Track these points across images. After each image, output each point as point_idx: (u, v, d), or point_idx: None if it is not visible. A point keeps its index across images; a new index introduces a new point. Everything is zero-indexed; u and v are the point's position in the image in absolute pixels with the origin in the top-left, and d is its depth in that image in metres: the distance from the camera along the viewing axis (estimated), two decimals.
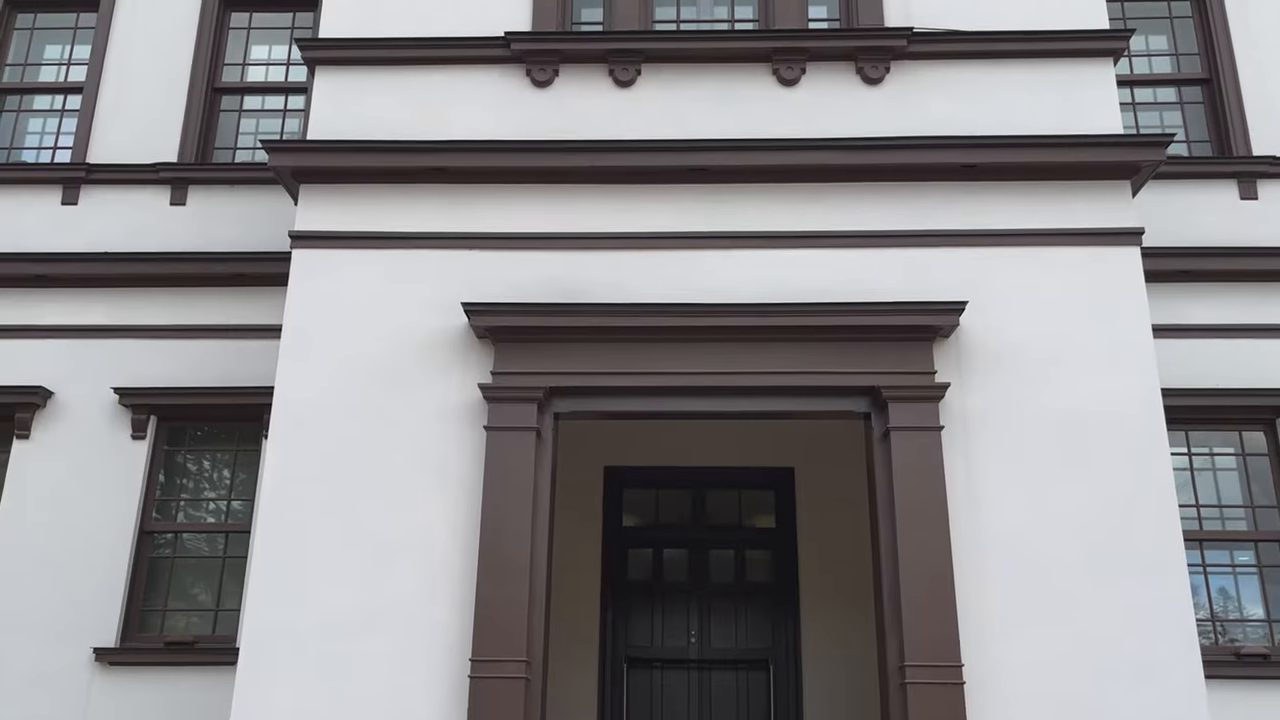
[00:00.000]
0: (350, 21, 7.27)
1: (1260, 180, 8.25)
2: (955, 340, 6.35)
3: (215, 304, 8.21)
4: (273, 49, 9.35)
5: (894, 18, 7.16)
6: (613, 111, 7.00)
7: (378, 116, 6.98)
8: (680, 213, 6.75)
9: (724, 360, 6.34)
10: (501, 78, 7.09)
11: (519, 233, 6.71)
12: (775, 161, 6.73)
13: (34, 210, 8.58)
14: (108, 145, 8.78)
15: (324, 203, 6.82)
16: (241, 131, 9.08)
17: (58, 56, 9.37)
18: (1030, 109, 6.84)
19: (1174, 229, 7.97)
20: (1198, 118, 8.75)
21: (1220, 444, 7.92)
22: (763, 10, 7.44)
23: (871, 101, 6.96)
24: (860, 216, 6.67)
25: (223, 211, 8.54)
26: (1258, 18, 8.78)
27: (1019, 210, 6.63)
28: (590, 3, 7.59)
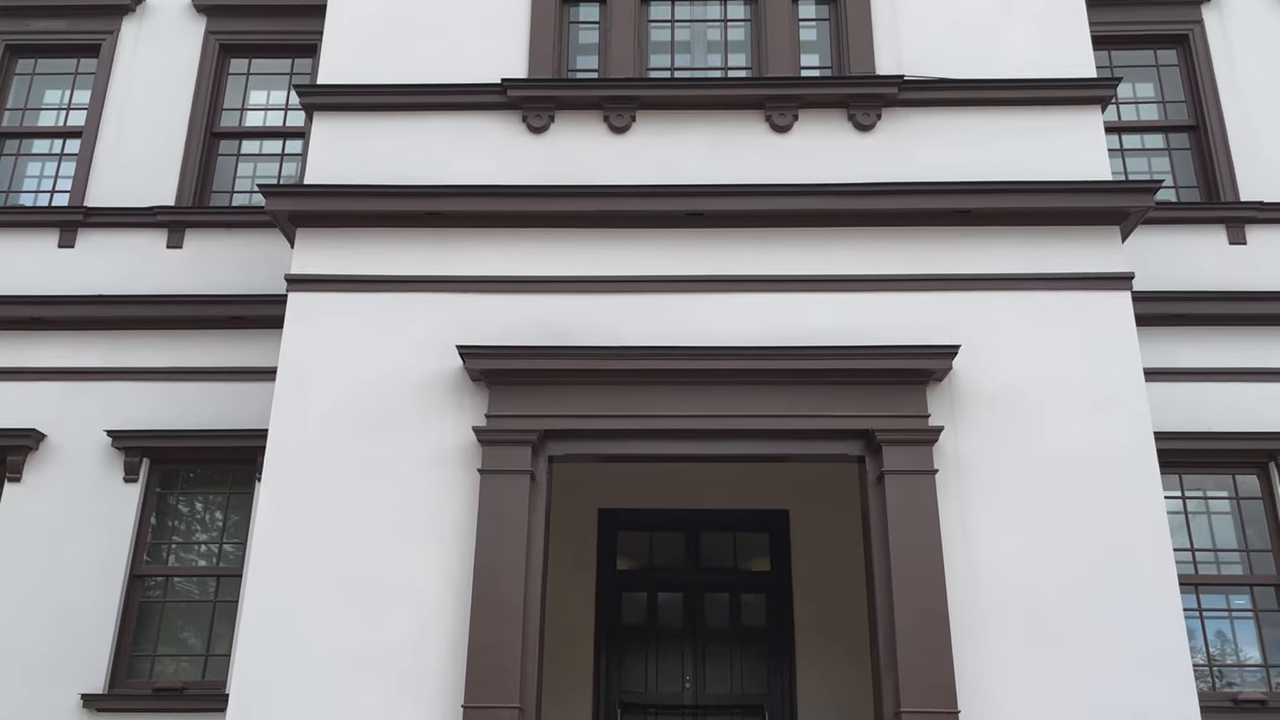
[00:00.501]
0: (348, 68, 7.35)
1: (1248, 225, 8.35)
2: (949, 384, 6.38)
3: (210, 346, 8.22)
4: (271, 94, 9.44)
5: (885, 65, 7.26)
6: (608, 157, 7.07)
7: (374, 161, 7.04)
8: (675, 257, 6.80)
9: (718, 404, 6.36)
10: (498, 124, 7.16)
11: (514, 276, 6.75)
12: (769, 207, 6.79)
13: (31, 253, 8.61)
14: (106, 189, 8.83)
15: (320, 246, 6.85)
16: (239, 175, 9.14)
17: (57, 101, 9.45)
18: (1020, 155, 6.93)
19: (1164, 273, 8.05)
20: (1185, 164, 8.86)
21: (1214, 488, 7.92)
22: (755, 58, 7.55)
23: (864, 148, 7.04)
24: (854, 261, 6.72)
25: (219, 254, 8.57)
26: (1243, 66, 8.92)
27: (1011, 255, 6.69)
28: (586, 51, 7.69)
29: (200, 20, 9.40)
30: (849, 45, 7.33)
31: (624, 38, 7.42)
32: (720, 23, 7.79)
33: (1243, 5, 9.13)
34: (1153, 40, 9.18)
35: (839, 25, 7.49)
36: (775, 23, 7.45)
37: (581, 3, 7.78)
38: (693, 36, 7.79)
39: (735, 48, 7.70)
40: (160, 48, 9.30)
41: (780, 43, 7.38)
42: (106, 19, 9.41)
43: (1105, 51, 9.03)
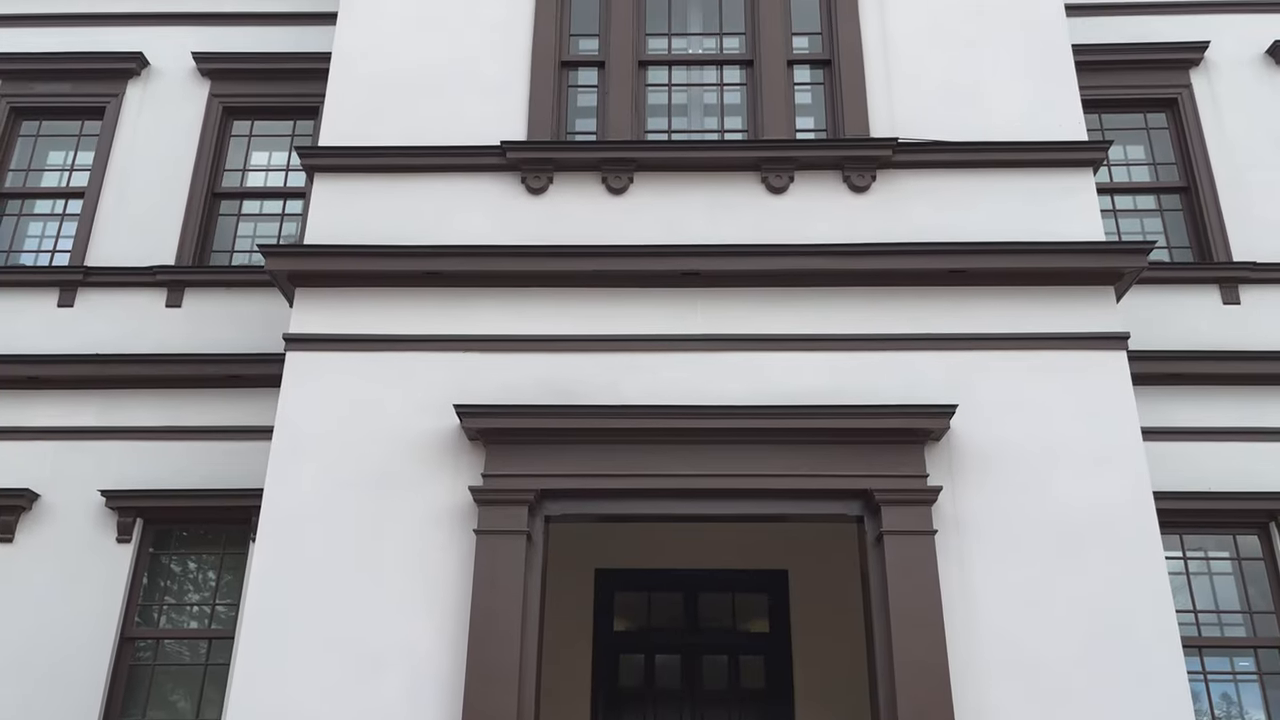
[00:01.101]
0: (349, 131, 7.44)
1: (1241, 285, 8.41)
2: (946, 443, 6.37)
3: (206, 405, 8.21)
4: (272, 155, 9.55)
5: (879, 128, 7.36)
6: (606, 218, 7.13)
7: (374, 222, 7.10)
8: (673, 316, 6.83)
9: (717, 463, 6.34)
10: (497, 185, 7.24)
11: (513, 335, 6.77)
12: (766, 266, 6.84)
13: (30, 313, 8.63)
14: (106, 249, 8.89)
15: (319, 306, 6.88)
16: (239, 235, 9.21)
17: (60, 162, 9.55)
18: (1014, 216, 7.00)
19: (1160, 333, 8.09)
20: (1177, 224, 8.95)
21: (1215, 548, 7.88)
22: (751, 121, 7.65)
23: (859, 208, 7.11)
24: (851, 320, 6.75)
25: (217, 313, 8.60)
26: (1232, 128, 9.06)
27: (1006, 314, 6.73)
28: (584, 113, 7.80)
29: (204, 84, 9.55)
30: (843, 108, 7.44)
31: (622, 101, 7.54)
32: (716, 87, 7.91)
33: (1230, 70, 9.29)
34: (1143, 104, 9.33)
35: (833, 88, 7.61)
36: (770, 87, 7.57)
37: (580, 68, 7.91)
38: (689, 100, 7.91)
39: (731, 111, 7.82)
40: (164, 110, 9.43)
41: (775, 106, 7.49)
42: (112, 82, 9.55)
43: (1096, 115, 9.18)
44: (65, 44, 9.77)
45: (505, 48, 7.72)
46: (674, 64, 7.96)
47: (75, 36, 9.80)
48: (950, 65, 7.55)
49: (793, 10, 8.01)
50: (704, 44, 8.11)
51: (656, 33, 8.07)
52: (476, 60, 7.68)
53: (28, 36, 9.81)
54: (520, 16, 7.84)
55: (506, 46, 7.72)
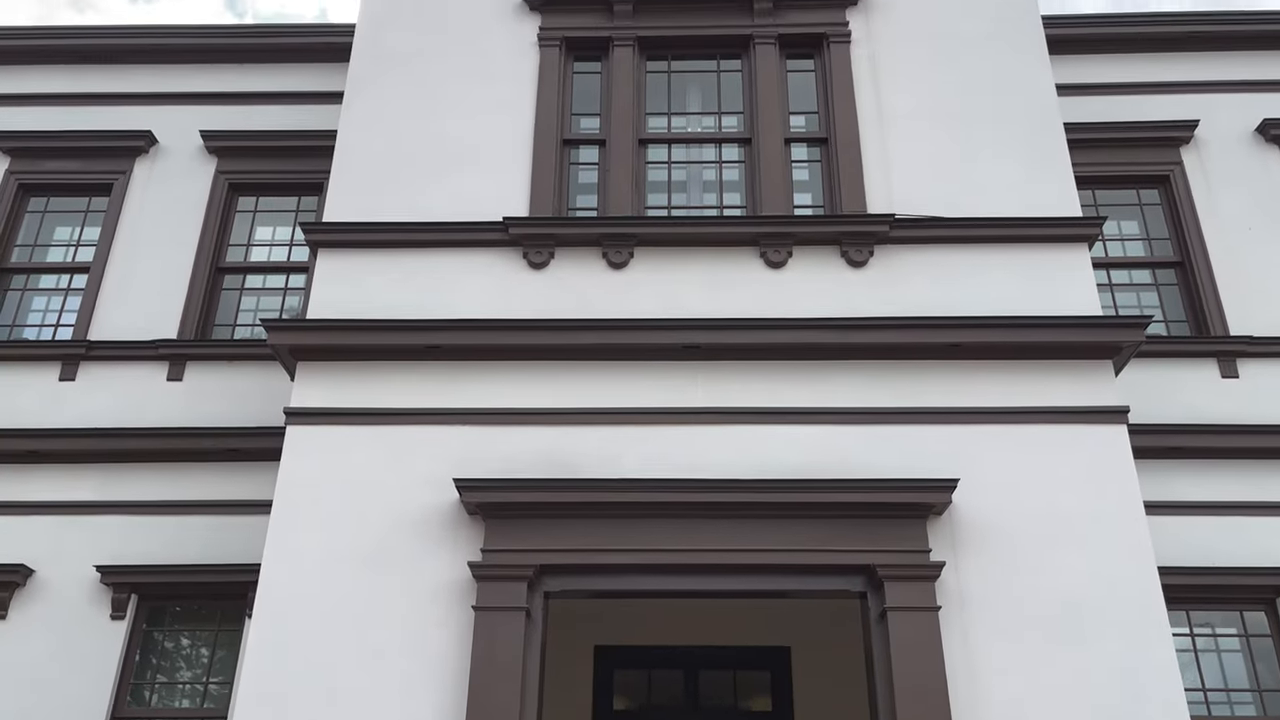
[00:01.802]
0: (353, 206, 7.54)
1: (1239, 359, 8.44)
2: (949, 518, 6.33)
3: (204, 479, 8.18)
4: (276, 230, 9.66)
5: (876, 204, 7.46)
6: (607, 292, 7.19)
7: (376, 296, 7.16)
8: (673, 389, 6.84)
9: (718, 537, 6.29)
10: (499, 260, 7.31)
11: (513, 408, 6.78)
12: (765, 340, 6.88)
13: (31, 387, 8.65)
14: (110, 323, 8.94)
15: (320, 380, 6.90)
16: (242, 309, 9.28)
17: (67, 238, 9.66)
18: (1012, 291, 7.05)
19: (1159, 407, 8.10)
20: (1174, 298, 9.02)
21: (1222, 624, 7.78)
22: (750, 197, 7.76)
23: (857, 283, 7.17)
24: (851, 394, 6.76)
25: (218, 387, 8.61)
26: (1224, 203, 9.18)
27: (1006, 388, 6.74)
28: (585, 189, 7.92)
29: (211, 161, 9.70)
30: (841, 184, 7.54)
31: (622, 178, 7.65)
32: (715, 164, 8.04)
33: (1220, 147, 9.45)
34: (1135, 180, 9.48)
35: (830, 165, 7.73)
36: (768, 164, 7.69)
37: (581, 145, 8.05)
38: (689, 177, 8.03)
39: (730, 187, 7.93)
40: (171, 186, 9.58)
41: (774, 182, 7.60)
42: (121, 160, 9.71)
43: (1090, 190, 9.31)
44: (75, 123, 9.95)
45: (508, 126, 7.86)
46: (673, 142, 8.11)
47: (85, 115, 9.99)
48: (946, 143, 7.68)
49: (790, 90, 8.19)
50: (703, 122, 8.26)
51: (656, 111, 8.23)
52: (480, 138, 7.81)
53: (39, 115, 10.01)
54: (523, 96, 8.00)
55: (509, 125, 7.87)
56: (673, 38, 8.38)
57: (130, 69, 10.26)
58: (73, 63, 10.29)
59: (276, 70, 10.21)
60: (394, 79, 8.11)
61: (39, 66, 10.28)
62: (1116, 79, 9.79)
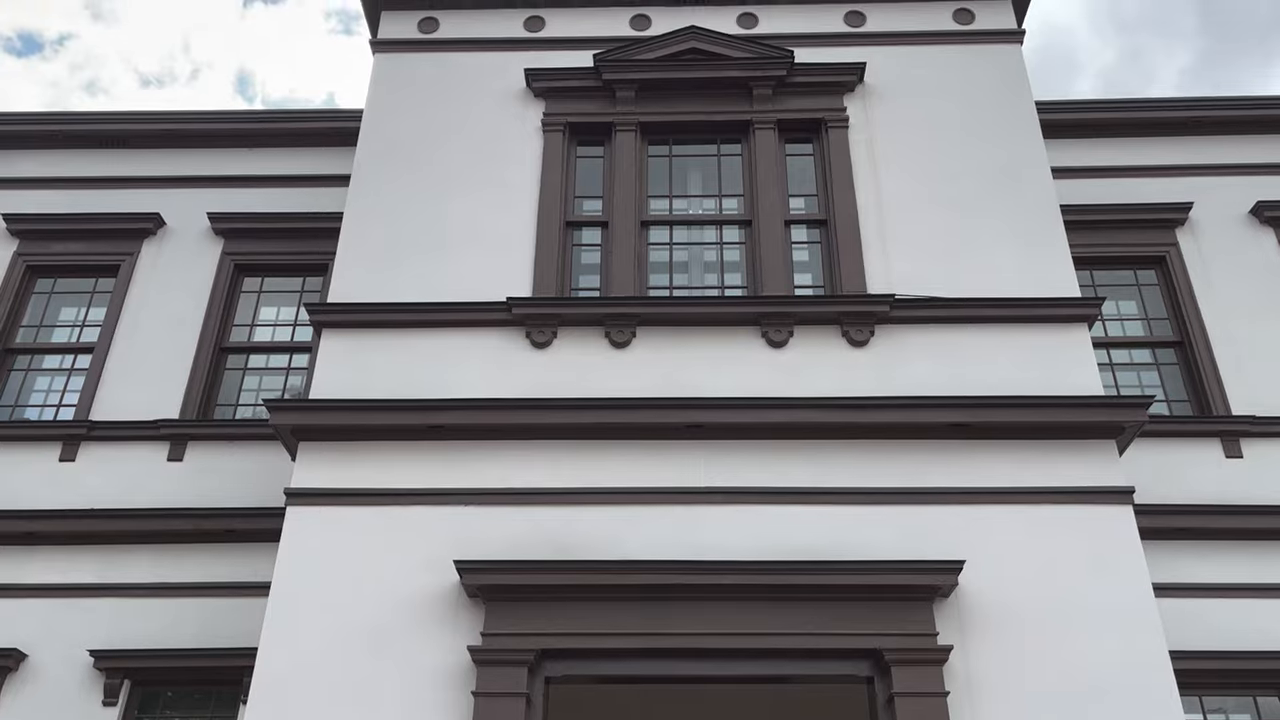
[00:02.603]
0: (357, 287, 7.61)
1: (1243, 439, 8.41)
2: (955, 600, 6.25)
3: (202, 561, 8.09)
4: (280, 310, 9.72)
5: (876, 284, 7.52)
6: (609, 371, 7.21)
7: (379, 376, 7.17)
8: (675, 469, 6.82)
9: (720, 620, 6.20)
10: (502, 339, 7.35)
11: (515, 489, 6.74)
12: (768, 419, 6.87)
13: (31, 467, 8.62)
14: (112, 402, 8.94)
15: (321, 460, 6.87)
16: (244, 388, 9.28)
17: (72, 318, 9.71)
18: (1013, 371, 7.07)
19: (1164, 487, 8.04)
20: (1174, 377, 9.02)
21: (1235, 709, 7.62)
22: (750, 277, 7.82)
23: (859, 363, 7.19)
24: (855, 474, 6.73)
25: (219, 467, 8.57)
26: (1220, 284, 9.24)
27: (1010, 468, 6.72)
28: (587, 270, 7.99)
29: (218, 242, 9.80)
30: (840, 265, 7.62)
31: (624, 259, 7.73)
32: (716, 245, 8.13)
33: (1215, 228, 9.55)
34: (1132, 261, 9.56)
35: (830, 246, 7.81)
36: (769, 245, 7.77)
37: (584, 227, 8.15)
38: (690, 257, 8.11)
39: (731, 267, 8.01)
40: (178, 267, 9.66)
41: (774, 263, 7.68)
42: (128, 241, 9.81)
43: (1088, 271, 9.39)
44: (85, 205, 10.08)
45: (512, 208, 7.97)
46: (675, 223, 8.21)
47: (95, 198, 10.12)
48: (944, 225, 7.77)
49: (789, 173, 8.33)
50: (704, 205, 8.37)
51: (658, 194, 8.35)
52: (484, 220, 7.92)
53: (49, 198, 10.14)
54: (527, 179, 8.13)
55: (514, 207, 7.98)
56: (674, 123, 8.54)
57: (140, 153, 10.43)
58: (83, 147, 10.46)
59: (284, 154, 10.37)
60: (400, 162, 8.25)
61: (50, 151, 10.45)
62: (1112, 162, 9.95)
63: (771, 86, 8.51)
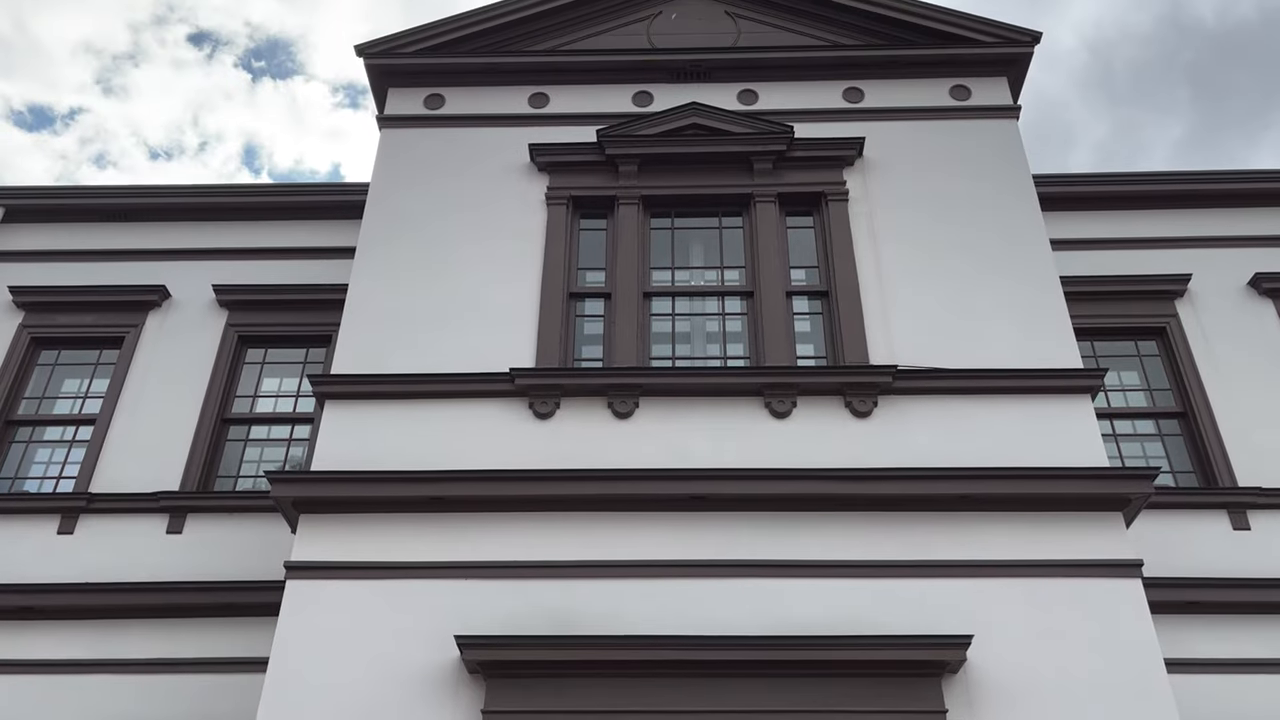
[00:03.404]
0: (361, 359, 7.62)
1: (1249, 511, 8.34)
2: (964, 675, 6.14)
3: (200, 636, 7.95)
4: (283, 381, 9.72)
5: (878, 355, 7.53)
6: (612, 442, 7.19)
7: (382, 448, 7.15)
8: (678, 541, 6.76)
9: (724, 697, 6.09)
10: (505, 410, 7.34)
11: (516, 561, 6.67)
12: (772, 491, 6.83)
13: (29, 540, 8.52)
14: (112, 475, 8.89)
15: (322, 533, 6.82)
16: (245, 460, 9.24)
17: (75, 390, 9.70)
18: (1017, 442, 7.04)
19: (1171, 559, 7.94)
20: (1179, 448, 8.98)
21: None
22: (753, 348, 7.84)
23: (862, 434, 7.17)
24: (859, 546, 6.67)
25: (218, 539, 8.49)
26: (1222, 355, 9.25)
27: (1017, 541, 6.65)
28: (590, 340, 8.02)
29: (222, 314, 9.85)
30: (842, 336, 7.64)
31: (627, 330, 7.75)
32: (718, 316, 8.16)
33: (1214, 300, 9.59)
34: (1133, 332, 9.58)
35: (832, 317, 7.84)
36: (770, 316, 7.81)
37: (587, 298, 8.19)
38: (692, 328, 8.14)
39: (733, 338, 8.03)
40: (182, 339, 9.68)
41: (776, 334, 7.70)
42: (133, 313, 9.85)
43: (1088, 342, 9.41)
44: (91, 277, 10.13)
45: (516, 280, 8.03)
46: (677, 295, 8.25)
47: (101, 270, 10.19)
48: (945, 296, 7.82)
49: (790, 244, 8.40)
50: (706, 276, 8.43)
51: (660, 265, 8.41)
52: (488, 292, 7.97)
53: (55, 271, 10.20)
54: (531, 251, 8.20)
55: (517, 279, 8.03)
56: (676, 196, 8.64)
57: (146, 226, 10.53)
58: (90, 220, 10.56)
59: (289, 226, 10.46)
60: (405, 235, 8.34)
61: (57, 224, 10.55)
62: (1110, 234, 10.04)
63: (772, 161, 8.64)
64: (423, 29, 9.47)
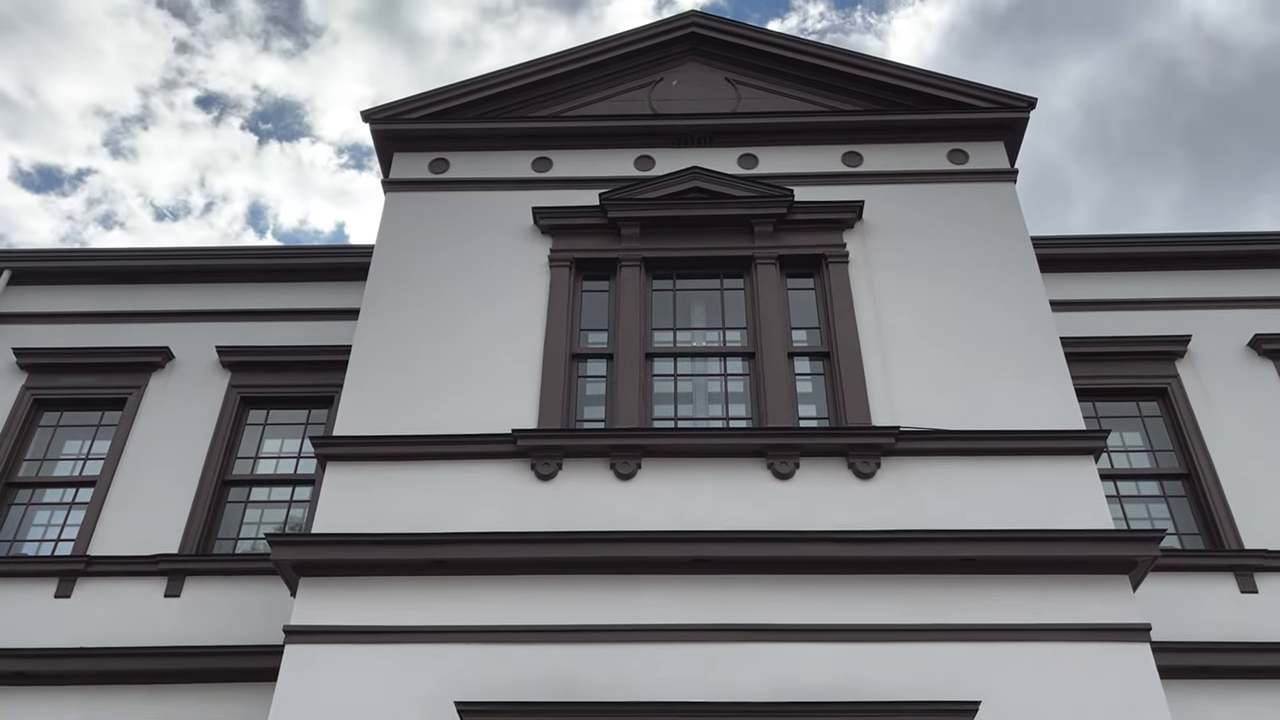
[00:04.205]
0: (363, 420, 7.62)
1: (1257, 573, 8.27)
2: None
3: (197, 701, 7.81)
4: (285, 442, 9.70)
5: (880, 416, 7.53)
6: (614, 503, 7.16)
7: (383, 510, 7.12)
8: (682, 605, 6.70)
9: None
10: (507, 472, 7.32)
11: (519, 625, 6.61)
12: (775, 553, 6.78)
13: (25, 604, 8.43)
14: (111, 537, 8.82)
15: (322, 596, 6.76)
16: (245, 521, 9.19)
17: (76, 451, 9.68)
18: (1021, 504, 7.02)
19: (1178, 623, 7.84)
20: (1183, 509, 8.93)
21: None
22: (755, 409, 7.84)
23: (865, 495, 7.15)
24: (865, 610, 6.61)
25: (216, 602, 8.40)
26: (1224, 416, 9.24)
27: (1023, 604, 6.60)
28: (593, 401, 8.02)
29: (225, 375, 9.86)
30: (844, 397, 7.65)
31: (629, 391, 7.76)
32: (720, 376, 8.18)
33: (1214, 361, 9.61)
34: (1134, 393, 9.58)
35: (834, 378, 7.86)
36: (773, 377, 7.82)
37: (590, 359, 8.22)
38: (694, 389, 8.15)
39: (735, 399, 8.04)
40: (184, 400, 9.68)
41: (778, 395, 7.71)
42: (136, 375, 9.87)
43: (1090, 403, 9.41)
44: (95, 339, 10.17)
45: (519, 341, 8.06)
46: (679, 355, 8.28)
47: (105, 332, 10.23)
48: (946, 357, 7.84)
49: (791, 306, 8.45)
50: (707, 337, 8.47)
51: (662, 326, 8.45)
52: (491, 353, 8.00)
53: (59, 333, 10.24)
54: (534, 312, 8.25)
55: (520, 340, 8.07)
56: (677, 258, 8.71)
57: (151, 288, 10.59)
58: (95, 282, 10.63)
59: (293, 288, 10.53)
60: (408, 297, 8.39)
61: (62, 286, 10.61)
62: (1110, 295, 10.09)
63: (772, 223, 8.72)
64: (427, 95, 9.63)
